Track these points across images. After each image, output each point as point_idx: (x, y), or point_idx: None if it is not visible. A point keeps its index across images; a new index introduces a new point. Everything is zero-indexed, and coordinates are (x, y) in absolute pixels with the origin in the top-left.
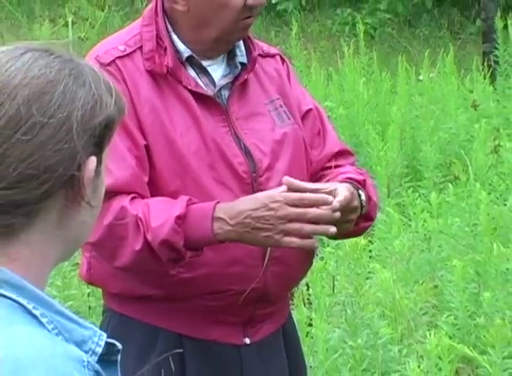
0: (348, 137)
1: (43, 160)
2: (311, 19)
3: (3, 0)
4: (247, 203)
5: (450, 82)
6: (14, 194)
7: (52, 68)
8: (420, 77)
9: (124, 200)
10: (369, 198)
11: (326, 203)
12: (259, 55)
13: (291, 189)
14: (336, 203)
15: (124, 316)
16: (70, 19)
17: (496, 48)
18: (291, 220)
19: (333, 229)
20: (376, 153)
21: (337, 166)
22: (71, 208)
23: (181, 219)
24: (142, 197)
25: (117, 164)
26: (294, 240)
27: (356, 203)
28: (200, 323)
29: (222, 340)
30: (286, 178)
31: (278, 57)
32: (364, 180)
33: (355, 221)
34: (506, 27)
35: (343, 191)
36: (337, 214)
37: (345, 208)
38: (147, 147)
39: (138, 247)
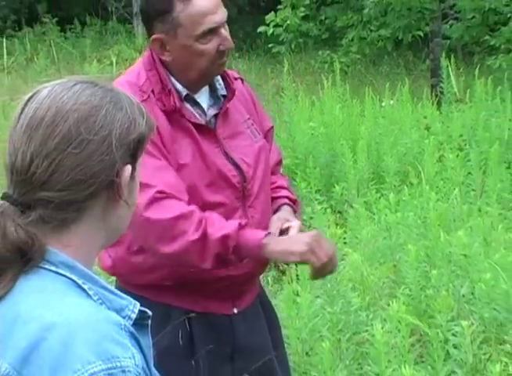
0: (327, 150)
1: (89, 168)
2: (299, 59)
3: (61, 44)
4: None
5: (406, 108)
6: (67, 195)
7: (97, 96)
8: (383, 104)
9: (192, 206)
10: (295, 211)
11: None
12: (232, 79)
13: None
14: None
15: (141, 297)
16: (113, 60)
17: (442, 82)
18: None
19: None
20: (348, 162)
21: (278, 187)
22: (112, 206)
23: (241, 227)
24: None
25: (160, 172)
26: (316, 261)
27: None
28: (202, 300)
29: (218, 311)
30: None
31: (239, 81)
32: (295, 200)
33: None
34: (449, 65)
35: (294, 230)
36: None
37: None
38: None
39: (194, 237)
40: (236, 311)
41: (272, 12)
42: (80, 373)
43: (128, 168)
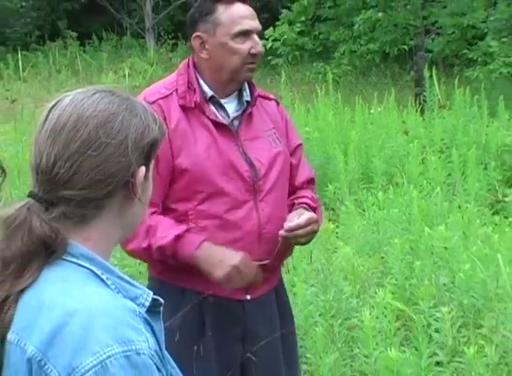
0: (321, 153)
1: (107, 169)
2: (296, 70)
3: (82, 55)
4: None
5: (392, 115)
6: (87, 193)
7: (114, 104)
8: (371, 111)
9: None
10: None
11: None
12: (259, 95)
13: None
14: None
15: (162, 281)
16: (127, 72)
17: (425, 91)
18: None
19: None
20: (340, 164)
21: (302, 196)
22: (127, 204)
23: (178, 237)
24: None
25: None
26: (232, 286)
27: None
28: (215, 284)
29: (230, 296)
30: (286, 227)
31: (274, 102)
32: (315, 207)
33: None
34: (431, 76)
35: (304, 217)
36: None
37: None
38: (175, 164)
39: (144, 245)
40: (249, 297)
41: (271, 28)
42: (99, 355)
43: (142, 169)
